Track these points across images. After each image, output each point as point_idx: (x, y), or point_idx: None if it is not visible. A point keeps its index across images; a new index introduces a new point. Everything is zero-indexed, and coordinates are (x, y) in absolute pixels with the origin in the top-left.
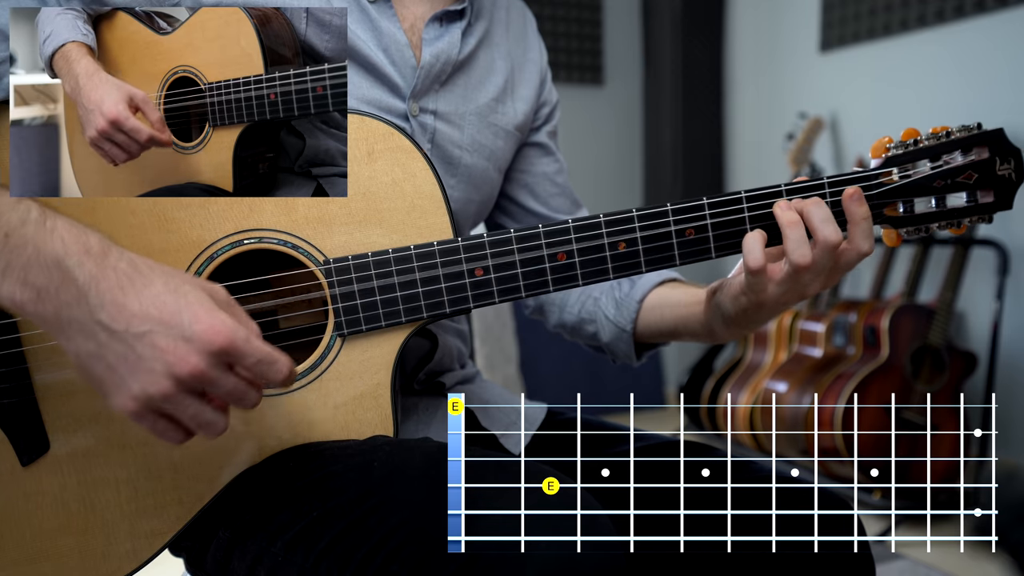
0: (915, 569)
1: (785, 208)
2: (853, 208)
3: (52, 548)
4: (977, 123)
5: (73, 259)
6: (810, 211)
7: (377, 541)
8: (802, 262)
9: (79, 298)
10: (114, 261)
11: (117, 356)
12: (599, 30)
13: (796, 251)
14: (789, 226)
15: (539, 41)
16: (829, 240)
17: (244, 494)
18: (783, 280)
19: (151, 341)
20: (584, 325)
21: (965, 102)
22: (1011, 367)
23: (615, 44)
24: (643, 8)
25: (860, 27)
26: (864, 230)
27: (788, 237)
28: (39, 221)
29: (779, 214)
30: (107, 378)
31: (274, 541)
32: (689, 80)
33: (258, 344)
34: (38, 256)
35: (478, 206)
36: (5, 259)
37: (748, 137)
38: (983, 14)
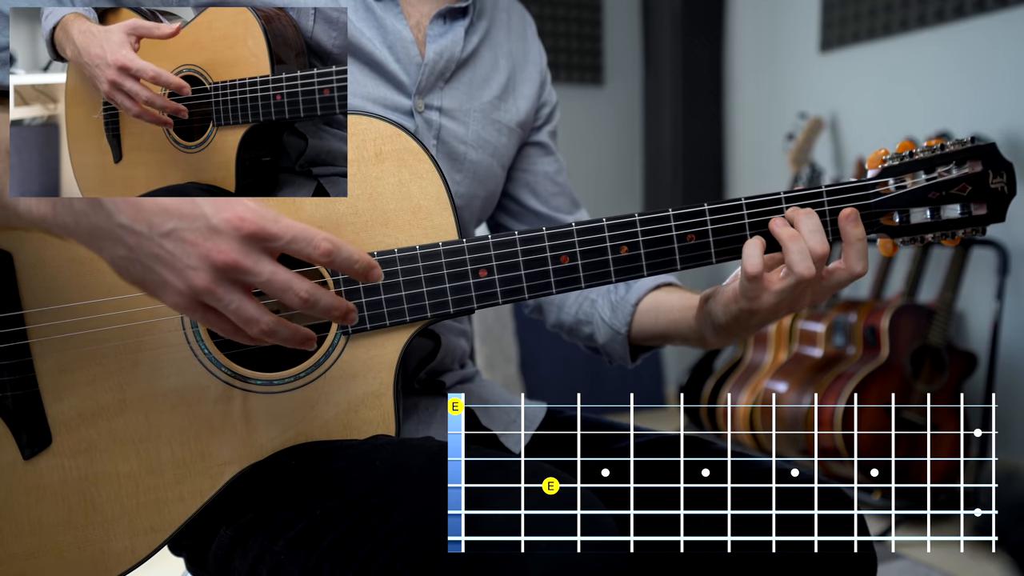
0: (915, 569)
1: (781, 225)
2: (848, 229)
3: (52, 543)
4: (971, 137)
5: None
6: (801, 221)
7: (380, 540)
8: (806, 274)
9: (94, 205)
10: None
11: (150, 256)
12: (599, 30)
13: (800, 263)
14: (790, 240)
15: (539, 43)
16: (816, 250)
17: (246, 492)
18: (779, 290)
19: (179, 236)
20: (580, 326)
21: (965, 102)
22: (1011, 367)
23: (615, 44)
24: (643, 8)
25: (860, 27)
26: (858, 251)
27: (790, 250)
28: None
29: (778, 231)
30: (148, 278)
31: (276, 540)
32: (689, 80)
33: (288, 223)
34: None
35: (483, 202)
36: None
37: (748, 137)
38: (983, 14)
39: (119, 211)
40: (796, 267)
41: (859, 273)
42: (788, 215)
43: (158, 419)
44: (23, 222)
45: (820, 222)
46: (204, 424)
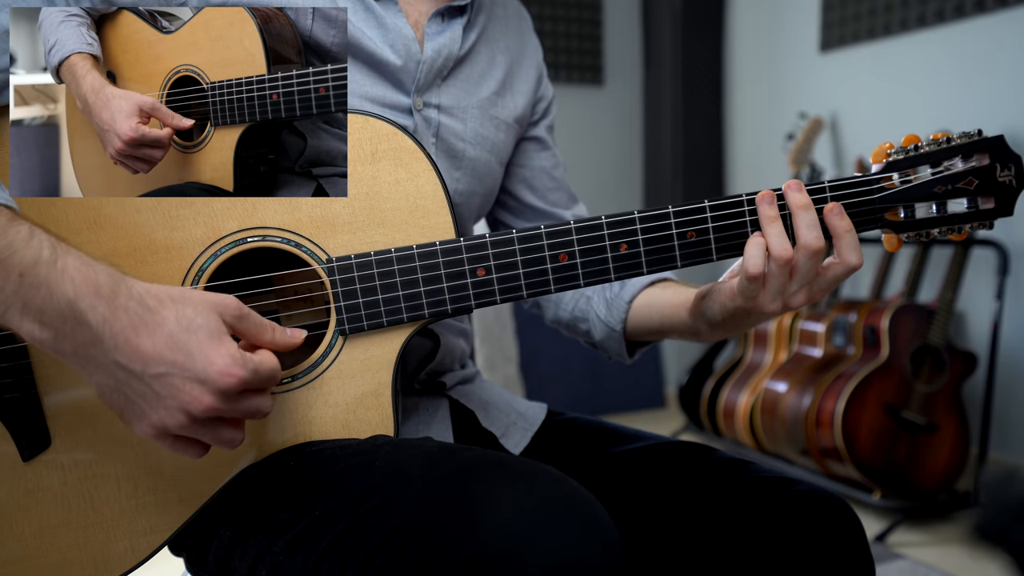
0: (915, 569)
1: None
2: (835, 222)
3: (52, 544)
4: (978, 130)
5: (85, 302)
6: (797, 215)
7: (379, 541)
8: (815, 245)
9: (94, 340)
10: (124, 301)
11: (136, 392)
12: (599, 30)
13: (809, 233)
14: (801, 208)
15: (534, 38)
16: (811, 246)
17: (245, 493)
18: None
19: (168, 381)
20: (577, 323)
21: (965, 102)
22: (1011, 367)
23: (615, 44)
24: (643, 8)
25: (860, 27)
26: (849, 243)
27: (800, 218)
28: (50, 261)
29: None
30: (127, 408)
31: (275, 540)
32: (689, 80)
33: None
34: (51, 299)
35: (482, 199)
36: (22, 299)
37: (748, 137)
38: (983, 14)
39: (117, 349)
40: (805, 237)
41: (854, 265)
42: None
43: None
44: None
45: (817, 218)
46: None
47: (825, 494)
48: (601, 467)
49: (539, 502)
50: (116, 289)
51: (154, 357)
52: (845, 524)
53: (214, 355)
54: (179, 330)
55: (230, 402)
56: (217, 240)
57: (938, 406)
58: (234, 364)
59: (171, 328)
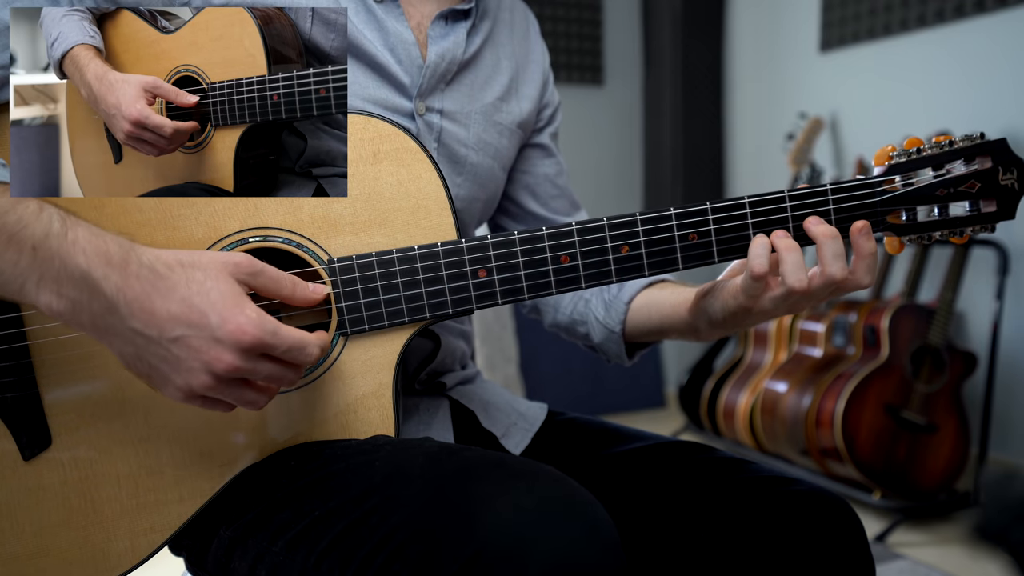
0: (915, 569)
1: (816, 223)
2: (862, 242)
3: (52, 543)
4: (980, 133)
5: (98, 272)
6: (824, 244)
7: (379, 540)
8: (838, 275)
9: (110, 308)
10: (135, 269)
11: (157, 357)
12: (599, 30)
13: (833, 264)
14: (826, 237)
15: (542, 43)
16: (834, 277)
17: (245, 493)
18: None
19: (185, 343)
20: (576, 326)
21: (965, 102)
22: (1011, 367)
23: (615, 44)
24: (643, 8)
25: (860, 27)
26: (869, 265)
27: (824, 247)
28: (61, 234)
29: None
30: (152, 374)
31: (275, 540)
32: (689, 80)
33: (285, 333)
34: (65, 270)
35: (484, 204)
36: (38, 272)
37: (748, 137)
38: (983, 14)
39: (133, 316)
40: (830, 267)
41: (866, 285)
42: (815, 230)
43: (158, 419)
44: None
45: (843, 248)
46: (203, 425)
47: (825, 494)
48: (601, 467)
49: (539, 502)
50: (127, 258)
51: (169, 321)
52: (845, 524)
53: (228, 314)
54: (192, 292)
55: (251, 362)
56: (219, 240)
57: (938, 406)
58: (248, 323)
59: (183, 291)
